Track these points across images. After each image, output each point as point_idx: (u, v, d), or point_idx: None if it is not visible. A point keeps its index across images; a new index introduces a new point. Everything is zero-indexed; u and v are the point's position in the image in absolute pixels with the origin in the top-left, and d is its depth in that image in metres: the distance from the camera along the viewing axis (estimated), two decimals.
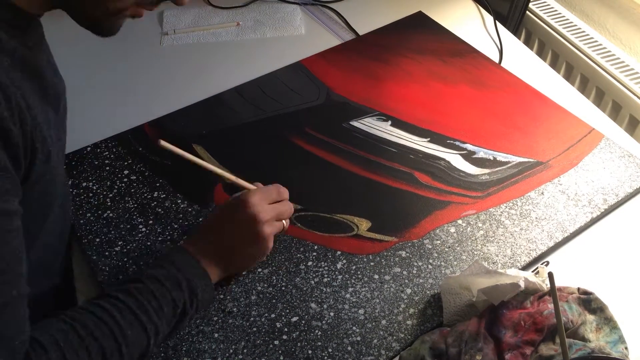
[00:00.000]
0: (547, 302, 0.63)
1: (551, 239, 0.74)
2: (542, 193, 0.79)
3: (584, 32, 1.16)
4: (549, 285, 0.62)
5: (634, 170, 0.82)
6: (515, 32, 1.19)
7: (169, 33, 1.10)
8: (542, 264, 0.71)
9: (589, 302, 0.64)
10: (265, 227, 0.66)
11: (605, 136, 0.87)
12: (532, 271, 0.66)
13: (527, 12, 1.21)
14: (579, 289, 0.66)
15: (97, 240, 0.74)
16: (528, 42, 1.26)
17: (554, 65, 1.20)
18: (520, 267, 0.71)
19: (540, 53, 1.23)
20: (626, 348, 0.61)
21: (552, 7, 1.23)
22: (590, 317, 0.63)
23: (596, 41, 1.14)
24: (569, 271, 0.72)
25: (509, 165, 0.83)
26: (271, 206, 0.68)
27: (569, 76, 1.17)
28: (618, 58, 1.10)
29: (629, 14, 1.13)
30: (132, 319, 0.57)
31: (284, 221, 0.70)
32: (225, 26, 1.12)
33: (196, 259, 0.63)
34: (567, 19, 1.20)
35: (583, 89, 1.14)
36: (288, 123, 0.90)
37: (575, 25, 1.18)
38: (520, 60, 1.05)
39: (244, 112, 0.92)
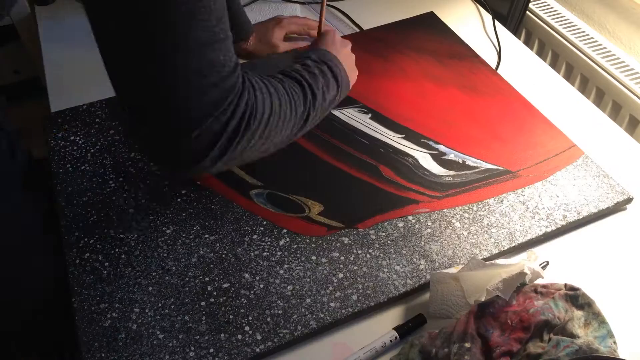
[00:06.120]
0: (533, 300, 0.63)
1: (497, 247, 0.73)
2: (502, 201, 0.79)
3: (584, 32, 1.14)
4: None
5: (604, 191, 0.79)
6: (515, 32, 1.17)
7: None
8: (541, 264, 0.72)
9: (576, 298, 0.64)
10: None
11: (585, 154, 0.84)
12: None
13: (527, 12, 1.20)
14: (565, 284, 0.65)
15: (70, 189, 0.80)
16: (528, 42, 1.24)
17: (554, 65, 1.18)
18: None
19: (540, 53, 1.21)
20: (615, 342, 0.61)
21: (552, 7, 1.21)
22: (578, 313, 0.63)
23: (596, 41, 1.11)
24: (558, 268, 0.73)
25: (476, 170, 0.83)
26: None
27: (569, 76, 1.15)
28: (618, 58, 1.07)
29: (629, 14, 1.10)
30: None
31: None
32: None
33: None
34: (567, 19, 1.18)
35: (583, 89, 1.12)
36: None
37: (575, 25, 1.16)
38: (520, 60, 1.04)
39: None
